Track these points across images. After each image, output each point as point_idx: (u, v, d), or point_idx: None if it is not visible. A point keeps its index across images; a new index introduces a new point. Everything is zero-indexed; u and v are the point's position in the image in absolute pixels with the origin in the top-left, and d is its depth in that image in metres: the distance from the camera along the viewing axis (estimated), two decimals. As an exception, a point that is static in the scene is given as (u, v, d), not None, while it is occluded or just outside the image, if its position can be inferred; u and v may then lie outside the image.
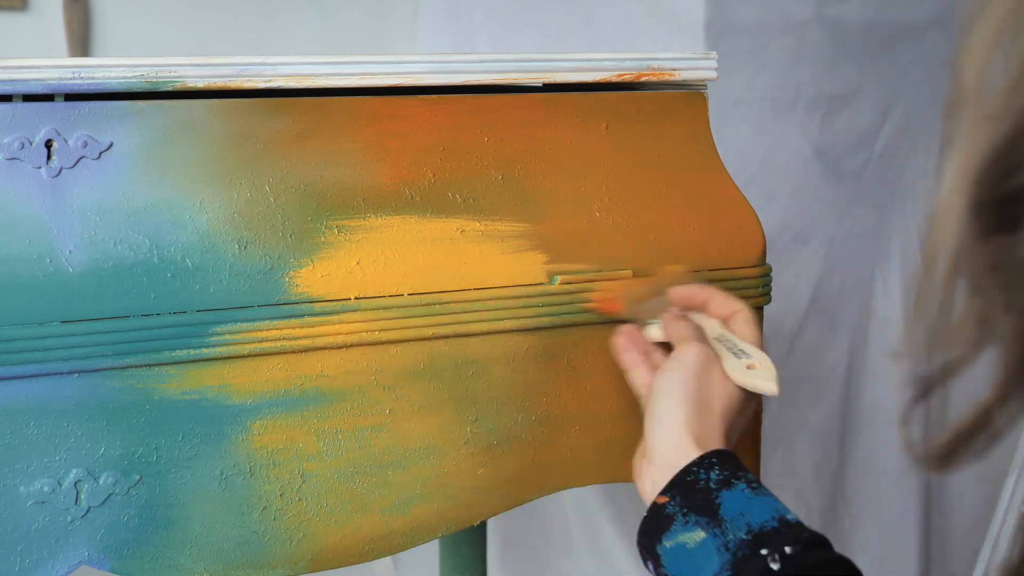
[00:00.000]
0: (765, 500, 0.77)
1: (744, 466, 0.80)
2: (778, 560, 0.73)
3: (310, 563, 0.85)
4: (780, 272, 1.77)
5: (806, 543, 0.74)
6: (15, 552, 0.77)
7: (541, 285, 0.89)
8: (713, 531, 0.76)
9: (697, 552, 0.76)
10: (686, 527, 0.77)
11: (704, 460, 0.79)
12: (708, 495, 0.77)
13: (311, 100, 0.85)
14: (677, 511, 0.78)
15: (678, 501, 0.78)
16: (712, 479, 0.78)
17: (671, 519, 0.78)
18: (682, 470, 0.79)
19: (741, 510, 0.76)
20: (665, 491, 0.79)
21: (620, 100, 0.93)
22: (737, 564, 0.74)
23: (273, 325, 0.81)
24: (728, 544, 0.75)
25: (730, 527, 0.76)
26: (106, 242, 0.78)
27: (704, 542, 0.76)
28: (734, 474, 0.78)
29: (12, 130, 0.77)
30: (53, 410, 0.77)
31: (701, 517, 0.77)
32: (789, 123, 1.85)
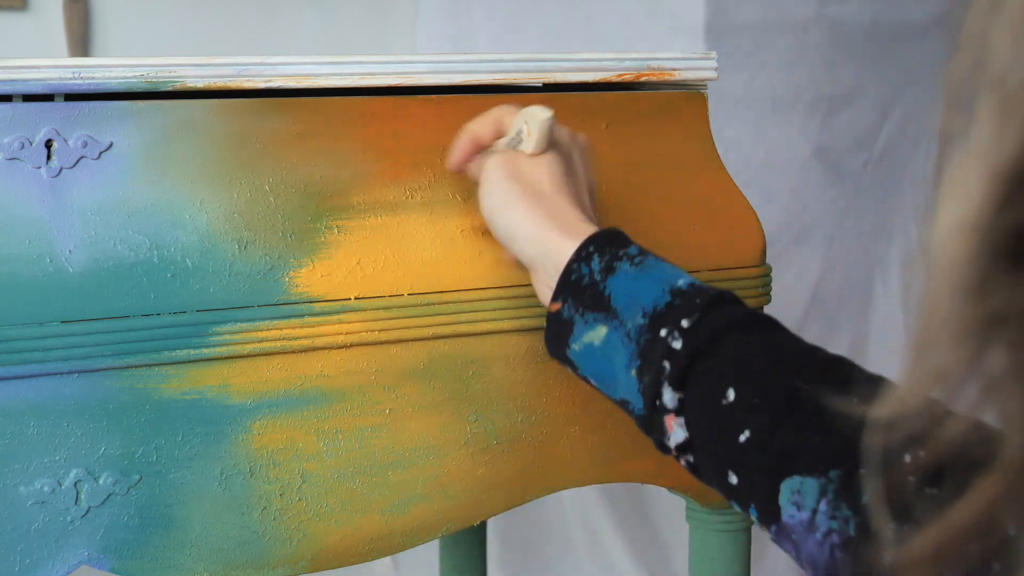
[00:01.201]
0: (652, 274, 0.75)
1: (624, 239, 0.77)
2: (678, 337, 0.71)
3: (310, 563, 0.85)
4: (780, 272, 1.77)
5: (704, 308, 0.72)
6: (15, 552, 0.77)
7: (541, 285, 0.89)
8: (612, 323, 0.74)
9: (605, 347, 0.75)
10: (587, 326, 0.75)
11: (581, 252, 0.76)
12: (595, 288, 0.75)
13: (311, 100, 0.85)
14: (574, 313, 0.76)
15: (571, 303, 0.76)
16: (595, 270, 0.75)
17: (571, 323, 0.76)
18: (564, 270, 0.76)
19: (630, 294, 0.74)
20: (555, 296, 0.77)
21: (620, 100, 0.93)
22: (642, 352, 0.72)
23: (273, 325, 0.81)
24: (629, 333, 0.73)
25: (626, 315, 0.74)
26: (106, 242, 0.78)
27: (608, 336, 0.74)
28: (614, 256, 0.75)
29: (12, 130, 0.77)
30: (53, 410, 0.77)
31: (597, 313, 0.75)
32: (789, 123, 1.85)
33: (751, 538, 0.99)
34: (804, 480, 0.64)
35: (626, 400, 0.75)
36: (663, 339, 0.71)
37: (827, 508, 0.63)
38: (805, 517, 0.64)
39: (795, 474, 0.64)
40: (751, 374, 0.69)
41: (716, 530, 0.97)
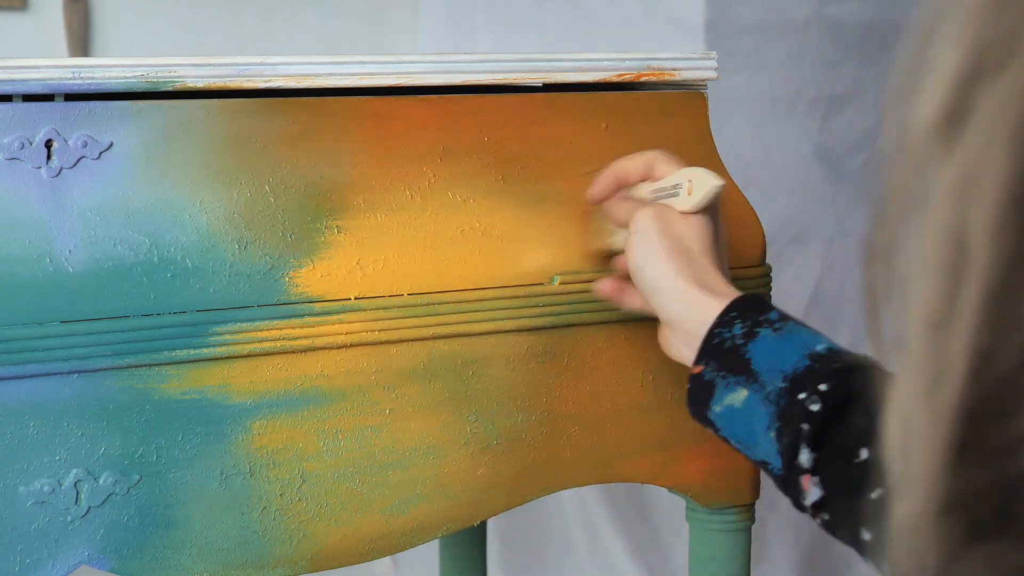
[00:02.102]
0: (792, 339, 0.78)
1: (765, 305, 0.80)
2: (817, 400, 0.74)
3: (310, 563, 0.85)
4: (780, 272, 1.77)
5: (841, 372, 0.74)
6: (15, 552, 0.77)
7: (541, 285, 0.89)
8: (753, 387, 0.77)
9: (745, 410, 0.77)
10: (728, 389, 0.78)
11: (724, 318, 0.79)
12: (737, 352, 0.78)
13: (311, 100, 0.85)
14: (715, 376, 0.79)
15: (712, 366, 0.79)
16: (737, 335, 0.78)
17: (712, 385, 0.79)
18: (707, 335, 0.79)
19: (771, 358, 0.77)
20: (698, 360, 0.80)
21: (620, 100, 0.93)
22: (782, 414, 0.75)
23: (273, 325, 0.81)
24: (769, 396, 0.76)
25: (766, 378, 0.77)
26: (106, 242, 0.78)
27: (748, 399, 0.77)
28: (756, 322, 0.78)
29: (12, 130, 0.77)
30: (53, 410, 0.77)
31: (738, 376, 0.78)
32: (789, 123, 1.85)
33: (751, 538, 0.99)
34: None
35: (766, 461, 0.78)
36: (801, 402, 0.74)
37: None
38: None
39: None
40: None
41: (716, 530, 0.97)
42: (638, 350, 0.92)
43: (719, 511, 0.96)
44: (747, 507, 0.97)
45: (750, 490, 0.97)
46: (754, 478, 0.97)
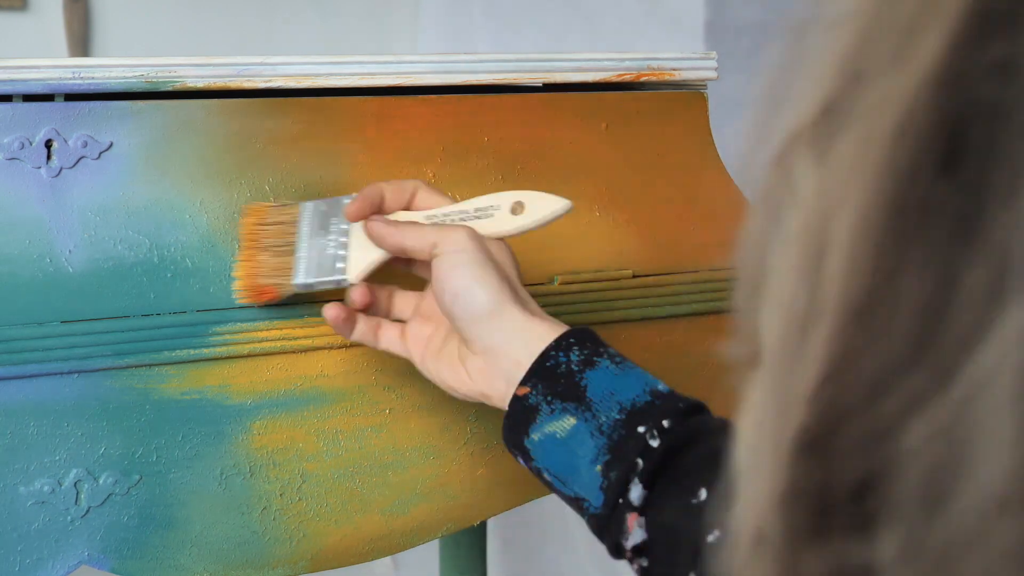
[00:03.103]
0: (633, 374, 0.72)
1: (603, 341, 0.74)
2: (657, 436, 0.69)
3: (310, 563, 0.85)
4: (780, 272, 1.77)
5: (684, 412, 0.70)
6: (15, 552, 0.77)
7: (541, 285, 0.89)
8: (584, 415, 0.71)
9: (569, 440, 0.71)
10: (553, 415, 0.72)
11: (561, 342, 0.73)
12: (572, 378, 0.72)
13: (311, 100, 0.85)
14: (541, 400, 0.72)
15: (540, 389, 0.72)
16: (573, 360, 0.72)
17: (536, 410, 0.72)
18: (539, 356, 0.72)
19: (609, 389, 0.71)
20: (525, 381, 0.72)
21: (620, 100, 0.93)
22: (614, 447, 0.70)
23: (273, 325, 0.81)
24: (601, 427, 0.71)
25: (600, 408, 0.71)
26: (106, 242, 0.78)
27: (576, 428, 0.71)
28: (595, 351, 0.73)
29: (12, 130, 0.77)
30: (53, 410, 0.77)
31: (568, 403, 0.71)
32: (789, 123, 1.84)
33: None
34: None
35: (582, 497, 0.72)
36: (640, 435, 0.69)
37: None
38: None
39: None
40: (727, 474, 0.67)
41: (716, 530, 0.97)
42: (638, 349, 0.92)
43: (719, 511, 0.96)
44: (747, 507, 0.97)
45: (750, 490, 0.97)
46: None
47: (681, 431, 0.69)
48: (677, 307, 0.93)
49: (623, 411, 0.71)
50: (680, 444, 0.69)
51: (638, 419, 0.70)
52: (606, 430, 0.70)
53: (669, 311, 0.93)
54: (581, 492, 0.72)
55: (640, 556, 0.69)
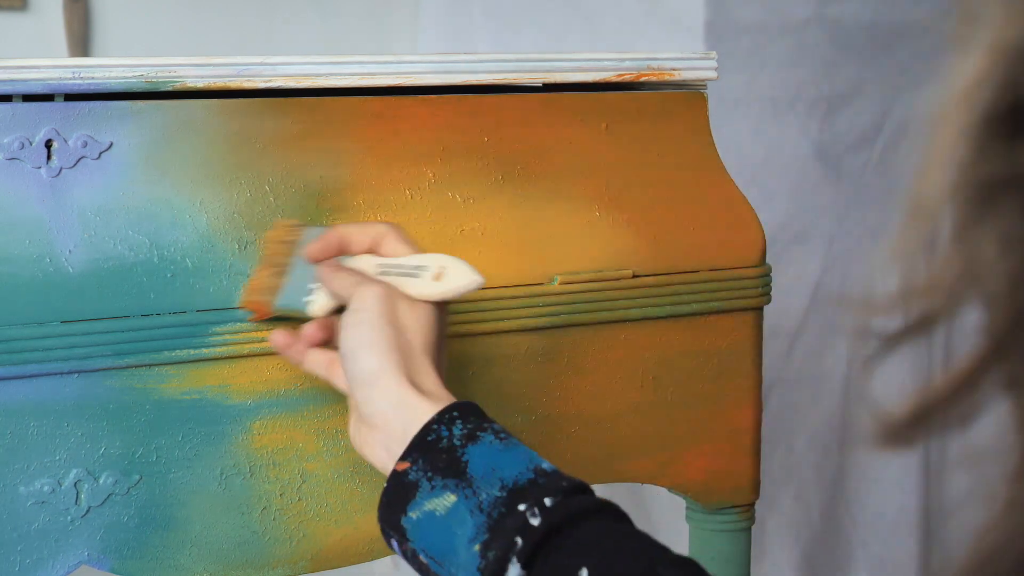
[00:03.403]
0: (517, 451, 0.71)
1: (486, 416, 0.73)
2: (538, 514, 0.67)
3: (310, 563, 0.85)
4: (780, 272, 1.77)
5: (566, 491, 0.68)
6: (15, 552, 0.77)
7: (541, 285, 0.89)
8: (464, 492, 0.69)
9: (448, 518, 0.69)
10: (433, 492, 0.70)
11: (444, 415, 0.71)
12: (453, 453, 0.70)
13: (311, 100, 0.85)
14: (421, 476, 0.70)
15: (420, 464, 0.70)
16: (456, 435, 0.70)
17: (415, 486, 0.70)
18: (421, 429, 0.71)
19: (491, 465, 0.70)
20: (405, 455, 0.71)
21: (620, 100, 0.93)
22: (494, 525, 0.68)
23: (273, 325, 0.81)
24: (482, 504, 0.69)
25: (482, 485, 0.69)
26: (106, 242, 0.78)
27: (455, 506, 0.69)
28: (479, 426, 0.71)
29: (12, 130, 0.77)
30: (53, 410, 0.77)
31: (448, 479, 0.70)
32: (789, 123, 1.84)
33: (751, 538, 0.99)
34: None
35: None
36: (521, 513, 0.68)
37: None
38: None
39: None
40: (609, 555, 0.66)
41: (716, 530, 0.97)
42: (638, 350, 0.92)
43: (719, 511, 0.96)
44: (747, 507, 0.97)
45: (750, 490, 0.97)
46: (754, 478, 0.97)
47: (563, 510, 0.68)
48: (677, 307, 0.93)
49: (504, 488, 0.69)
50: (561, 523, 0.67)
51: (520, 497, 0.68)
52: (486, 508, 0.69)
53: (669, 311, 0.93)
54: (457, 573, 0.69)
55: None
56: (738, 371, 0.96)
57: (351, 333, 0.74)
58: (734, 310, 0.95)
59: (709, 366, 0.95)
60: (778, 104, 1.83)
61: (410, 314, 0.74)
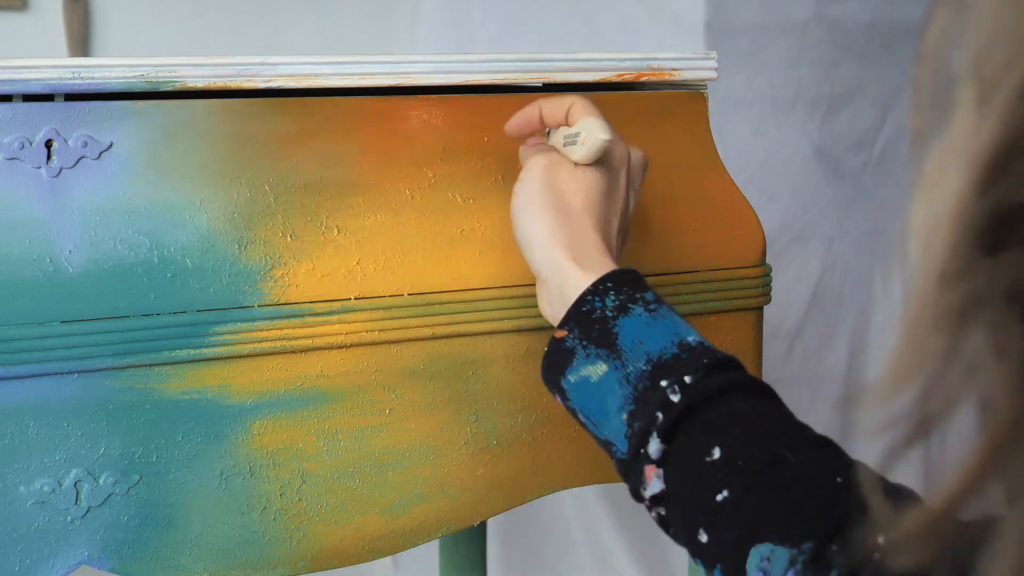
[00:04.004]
0: (664, 323, 0.73)
1: (643, 283, 0.76)
2: (678, 391, 0.70)
3: (310, 563, 0.85)
4: (780, 272, 1.77)
5: (707, 368, 0.71)
6: (15, 552, 0.77)
7: (541, 285, 0.89)
8: (614, 363, 0.73)
9: (601, 385, 0.73)
10: (587, 360, 0.74)
11: (599, 286, 0.75)
12: (605, 324, 0.74)
13: (311, 100, 0.85)
14: (577, 344, 0.75)
15: (576, 334, 0.75)
16: (608, 306, 0.74)
17: (572, 353, 0.75)
18: (577, 300, 0.75)
19: (639, 338, 0.73)
20: (563, 323, 0.75)
21: (620, 100, 0.93)
22: (639, 397, 0.71)
23: (273, 325, 0.81)
24: (629, 376, 0.72)
25: (629, 357, 0.73)
26: (106, 242, 0.78)
27: (606, 375, 0.73)
28: (631, 298, 0.74)
29: (12, 130, 0.77)
30: (53, 410, 0.77)
31: (601, 349, 0.74)
32: (789, 123, 1.85)
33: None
34: (775, 548, 0.63)
35: (610, 442, 0.74)
36: (662, 389, 0.71)
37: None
38: None
39: (767, 541, 0.64)
40: (739, 435, 0.69)
41: (716, 530, 0.97)
42: (638, 350, 0.92)
43: (719, 511, 0.96)
44: (747, 507, 0.97)
45: (750, 490, 0.97)
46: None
47: (702, 388, 0.70)
48: (677, 307, 0.93)
49: (650, 362, 0.72)
50: (699, 401, 0.70)
51: (662, 372, 0.71)
52: (632, 380, 0.72)
53: (669, 311, 0.93)
54: (610, 437, 0.74)
55: (658, 505, 0.71)
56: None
57: (515, 200, 0.80)
58: (734, 310, 0.95)
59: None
60: (778, 104, 1.83)
61: (571, 179, 0.79)
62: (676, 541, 0.71)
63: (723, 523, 0.67)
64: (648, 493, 0.71)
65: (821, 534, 0.63)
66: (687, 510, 0.69)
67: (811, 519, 0.64)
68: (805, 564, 0.62)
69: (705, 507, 0.67)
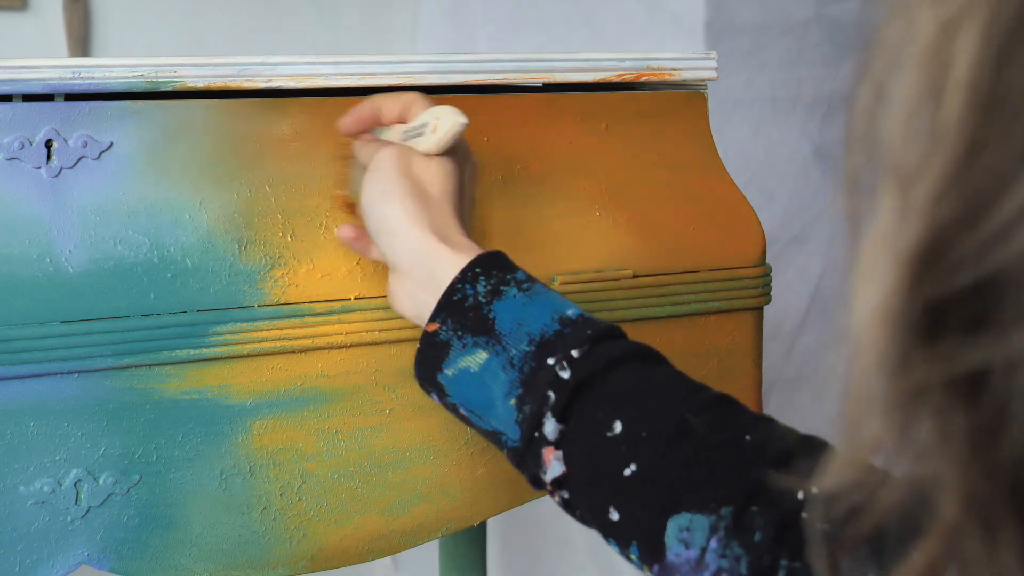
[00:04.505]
0: (541, 300, 0.72)
1: (511, 264, 0.74)
2: (567, 367, 0.68)
3: (310, 563, 0.85)
4: (780, 272, 1.77)
5: (593, 339, 0.69)
6: (15, 552, 0.77)
7: (541, 285, 0.89)
8: (494, 349, 0.71)
9: (483, 374, 0.71)
10: (465, 351, 0.72)
11: (467, 273, 0.72)
12: (479, 311, 0.72)
13: (311, 100, 0.85)
14: (452, 335, 0.72)
15: (450, 325, 0.72)
16: (480, 292, 0.72)
17: (447, 345, 0.72)
18: (447, 290, 0.72)
19: (517, 319, 0.71)
20: (434, 316, 0.73)
21: (620, 100, 0.93)
22: (526, 380, 0.69)
23: (273, 325, 0.81)
24: (512, 360, 0.70)
25: (510, 341, 0.70)
26: (106, 242, 0.78)
27: (487, 362, 0.71)
28: (502, 280, 0.72)
29: (12, 130, 0.77)
30: (53, 410, 0.77)
31: (479, 337, 0.71)
32: (789, 123, 1.85)
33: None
34: (693, 517, 0.62)
35: (499, 432, 0.71)
36: (550, 367, 0.68)
37: (717, 546, 0.61)
38: (693, 555, 0.62)
39: (684, 511, 0.63)
40: (640, 406, 0.67)
41: (716, 530, 0.97)
42: (638, 350, 0.92)
43: (719, 511, 0.96)
44: (747, 507, 0.97)
45: (750, 490, 0.97)
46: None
47: (591, 361, 0.68)
48: (677, 307, 0.93)
49: (532, 342, 0.70)
50: (591, 374, 0.68)
51: (547, 350, 0.69)
52: (517, 363, 0.70)
53: (669, 311, 0.93)
54: (498, 426, 0.71)
55: (560, 488, 0.69)
56: (738, 371, 0.96)
57: (369, 188, 0.77)
58: (734, 310, 0.95)
59: (709, 366, 0.95)
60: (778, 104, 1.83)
61: (425, 168, 0.77)
62: (584, 524, 0.69)
63: (634, 498, 0.65)
64: (549, 477, 0.69)
65: (739, 497, 0.61)
66: (593, 489, 0.67)
67: (726, 483, 0.62)
68: (727, 530, 0.61)
69: (613, 483, 0.65)
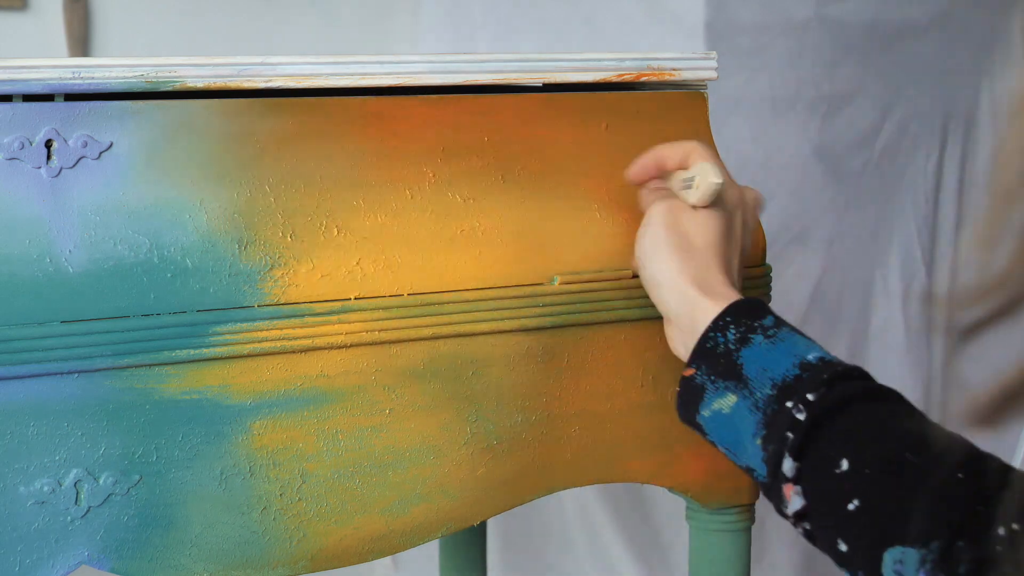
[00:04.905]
0: (784, 347, 0.78)
1: (761, 311, 0.80)
2: (803, 409, 0.74)
3: (310, 563, 0.85)
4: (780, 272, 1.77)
5: (828, 383, 0.75)
6: (15, 552, 0.77)
7: (541, 285, 0.89)
8: (742, 393, 0.78)
9: (733, 416, 0.78)
10: (717, 393, 0.79)
11: (719, 322, 0.80)
12: (729, 358, 0.79)
13: (311, 100, 0.85)
14: (706, 379, 0.80)
15: (704, 370, 0.80)
16: (730, 340, 0.79)
17: (702, 389, 0.80)
18: (700, 338, 0.80)
19: (762, 365, 0.78)
20: (691, 362, 0.81)
21: (620, 100, 0.93)
22: (769, 421, 0.76)
23: (273, 325, 0.81)
24: (757, 403, 0.77)
25: (755, 385, 0.78)
26: (106, 242, 0.78)
27: (736, 405, 0.78)
28: (750, 328, 0.79)
29: (12, 130, 0.77)
30: (53, 410, 0.77)
31: (728, 381, 0.79)
32: (789, 123, 1.85)
33: (751, 538, 0.99)
34: (906, 550, 0.68)
35: (751, 467, 0.78)
36: (788, 410, 0.75)
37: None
38: None
39: (898, 544, 0.68)
40: (863, 444, 0.73)
41: (716, 530, 0.97)
42: (638, 350, 0.92)
43: (719, 511, 0.96)
44: (747, 507, 0.97)
45: (750, 490, 0.97)
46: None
47: (824, 403, 0.74)
48: (677, 307, 0.93)
49: (775, 386, 0.77)
50: (822, 415, 0.74)
51: (787, 394, 0.76)
52: (761, 406, 0.77)
53: (669, 311, 0.93)
54: (750, 463, 0.78)
55: (802, 521, 0.76)
56: (738, 371, 0.96)
57: (639, 244, 0.86)
58: (734, 310, 0.95)
59: (709, 366, 0.95)
60: (778, 104, 1.83)
61: (691, 221, 0.84)
62: (824, 552, 0.75)
63: (857, 531, 0.71)
64: (790, 511, 0.75)
65: (947, 532, 0.66)
66: (825, 522, 0.73)
67: (935, 519, 0.67)
68: (934, 563, 0.66)
69: (840, 517, 0.72)
